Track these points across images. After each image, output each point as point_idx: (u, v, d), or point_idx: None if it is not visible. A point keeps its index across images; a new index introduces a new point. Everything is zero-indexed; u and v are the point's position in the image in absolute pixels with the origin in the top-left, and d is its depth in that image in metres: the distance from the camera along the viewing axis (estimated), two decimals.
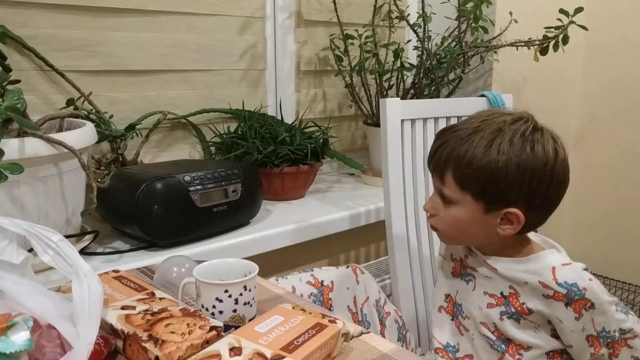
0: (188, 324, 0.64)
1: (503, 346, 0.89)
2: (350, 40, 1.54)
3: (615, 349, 0.87)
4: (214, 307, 0.70)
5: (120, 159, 1.22)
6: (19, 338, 0.54)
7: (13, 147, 0.83)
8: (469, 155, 0.81)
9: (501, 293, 0.88)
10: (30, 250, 0.64)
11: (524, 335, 0.87)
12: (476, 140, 0.82)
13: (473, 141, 0.82)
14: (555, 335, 0.87)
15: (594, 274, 1.94)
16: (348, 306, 1.01)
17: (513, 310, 0.87)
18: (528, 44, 1.54)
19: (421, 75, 1.57)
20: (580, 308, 0.82)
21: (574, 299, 0.81)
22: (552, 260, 0.85)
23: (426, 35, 1.55)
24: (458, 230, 0.88)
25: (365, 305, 1.01)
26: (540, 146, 0.82)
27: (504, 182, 0.81)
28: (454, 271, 0.97)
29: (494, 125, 0.83)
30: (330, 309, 0.99)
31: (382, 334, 1.02)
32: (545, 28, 1.50)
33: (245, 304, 0.71)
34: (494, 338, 0.89)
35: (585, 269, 0.84)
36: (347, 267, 1.04)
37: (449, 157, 0.84)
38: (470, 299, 0.92)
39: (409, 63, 1.61)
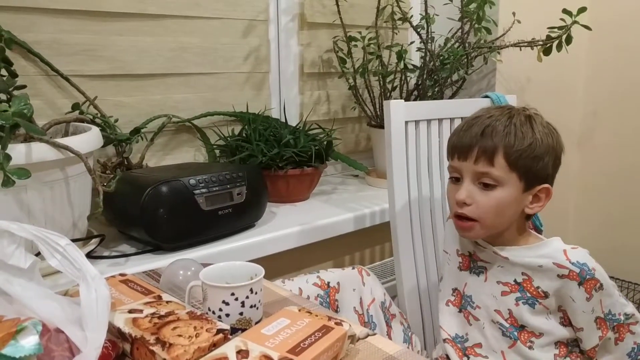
0: (195, 327, 0.64)
1: (515, 333, 0.92)
2: (353, 42, 1.54)
3: (621, 333, 0.92)
4: (220, 310, 0.70)
5: (126, 163, 1.23)
6: (28, 342, 0.54)
7: (20, 153, 0.84)
8: (520, 136, 0.88)
9: (514, 280, 0.92)
10: (38, 254, 0.64)
11: (537, 321, 0.91)
12: (517, 123, 0.89)
13: (516, 123, 0.89)
14: (563, 323, 0.91)
15: None
16: (354, 307, 1.02)
17: (529, 295, 0.91)
18: (531, 44, 1.54)
19: (424, 76, 1.57)
20: (590, 288, 0.87)
21: (586, 278, 0.87)
22: (560, 245, 0.91)
23: (429, 36, 1.55)
24: (498, 214, 0.90)
25: (372, 307, 1.02)
26: (556, 130, 0.93)
27: (545, 159, 0.89)
28: (460, 266, 1.00)
29: (521, 112, 0.92)
30: (336, 311, 1.00)
31: (389, 336, 1.03)
32: (548, 28, 1.50)
33: (251, 306, 0.71)
34: (507, 325, 0.93)
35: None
36: (353, 268, 1.05)
37: (501, 138, 0.88)
38: (482, 290, 0.96)
39: (413, 64, 1.61)
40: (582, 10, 1.43)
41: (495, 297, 0.94)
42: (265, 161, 1.32)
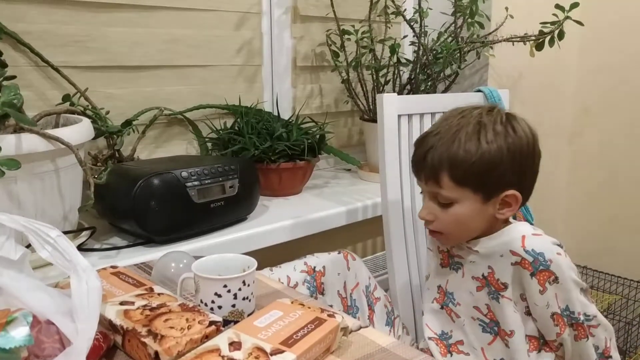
0: (187, 319, 0.64)
1: (496, 329, 0.91)
2: (346, 36, 1.54)
3: (580, 332, 0.87)
4: (213, 302, 0.70)
5: (117, 155, 1.22)
6: (19, 333, 0.54)
7: (10, 143, 0.83)
8: (462, 153, 0.84)
9: (482, 274, 0.91)
10: (28, 246, 0.64)
11: (507, 316, 0.88)
12: (462, 137, 0.85)
13: (460, 139, 0.85)
14: (528, 313, 0.89)
15: (592, 269, 1.93)
16: (338, 291, 1.03)
17: (493, 289, 0.89)
18: (524, 39, 1.54)
19: (417, 70, 1.57)
20: (544, 280, 0.84)
21: (539, 269, 0.84)
22: (523, 229, 0.88)
23: (422, 30, 1.55)
24: (461, 227, 0.90)
25: (355, 291, 1.04)
26: (520, 127, 0.87)
27: (500, 168, 0.85)
28: (442, 262, 0.99)
29: (472, 119, 0.87)
30: (322, 293, 1.02)
31: (371, 319, 1.04)
32: (541, 23, 1.50)
33: (244, 298, 0.71)
34: (487, 321, 0.92)
35: (558, 245, 0.86)
36: (339, 252, 1.05)
37: (442, 159, 0.86)
38: (460, 286, 0.95)
39: (406, 59, 1.61)
40: (575, 5, 1.44)
41: (472, 294, 0.93)
42: (258, 154, 1.31)
